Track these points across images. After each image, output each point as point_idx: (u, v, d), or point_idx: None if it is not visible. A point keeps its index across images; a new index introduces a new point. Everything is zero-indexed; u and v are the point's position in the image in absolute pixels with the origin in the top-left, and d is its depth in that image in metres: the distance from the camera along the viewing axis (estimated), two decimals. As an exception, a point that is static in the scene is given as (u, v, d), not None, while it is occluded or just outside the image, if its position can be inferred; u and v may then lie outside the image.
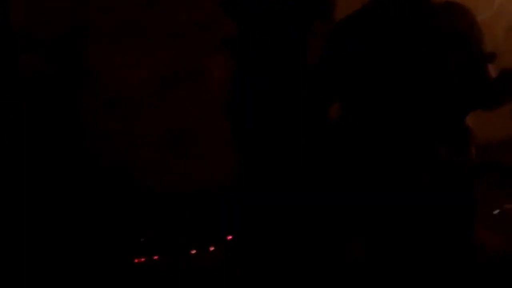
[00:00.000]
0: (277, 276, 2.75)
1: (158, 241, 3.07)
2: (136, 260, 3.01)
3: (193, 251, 3.05)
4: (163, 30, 3.71)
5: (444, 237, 2.67)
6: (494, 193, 4.06)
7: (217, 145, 2.94)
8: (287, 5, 2.85)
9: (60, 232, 3.24)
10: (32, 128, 3.43)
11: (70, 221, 3.28)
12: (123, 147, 3.35)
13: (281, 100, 2.75)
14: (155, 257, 3.05)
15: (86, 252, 3.15)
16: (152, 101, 3.51)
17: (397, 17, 2.55)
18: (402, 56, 2.53)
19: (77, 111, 3.40)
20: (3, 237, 3.09)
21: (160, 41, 3.69)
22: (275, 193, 2.67)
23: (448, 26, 2.54)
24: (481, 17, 2.67)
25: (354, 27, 2.62)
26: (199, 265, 3.03)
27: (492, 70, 2.57)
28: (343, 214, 2.71)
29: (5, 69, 3.44)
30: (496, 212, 3.89)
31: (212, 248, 3.02)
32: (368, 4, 2.62)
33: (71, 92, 3.50)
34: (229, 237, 2.97)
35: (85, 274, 3.09)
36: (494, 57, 2.50)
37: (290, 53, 2.80)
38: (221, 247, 3.02)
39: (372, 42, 2.55)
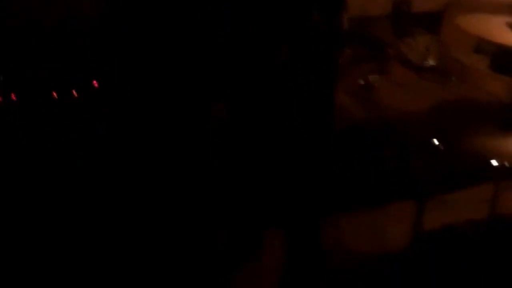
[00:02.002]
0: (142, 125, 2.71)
1: (17, 80, 2.89)
2: (-7, 99, 2.84)
3: (54, 94, 2.91)
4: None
5: (303, 99, 2.74)
6: (361, 64, 4.20)
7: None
8: None
9: None
10: None
11: None
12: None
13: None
14: (13, 97, 2.88)
15: None
16: None
17: None
18: None
19: None
20: None
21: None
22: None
23: None
24: None
25: None
26: (60, 109, 2.91)
27: None
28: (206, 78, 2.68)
29: None
30: (361, 82, 4.05)
31: (75, 93, 2.89)
32: None
33: None
34: (95, 83, 2.86)
35: None
36: None
37: None
38: (87, 93, 2.90)
39: None
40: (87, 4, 2.76)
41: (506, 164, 3.14)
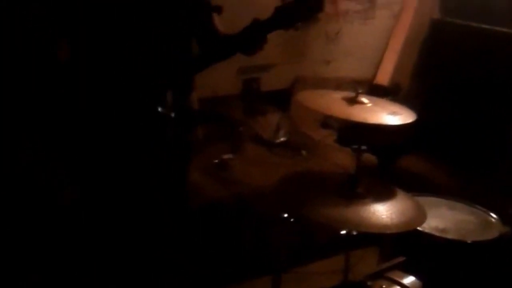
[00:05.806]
0: None
1: None
2: None
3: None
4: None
5: (157, 179, 2.78)
6: (215, 143, 4.31)
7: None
8: None
9: None
10: None
11: None
12: None
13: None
14: None
15: None
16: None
17: None
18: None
19: None
20: None
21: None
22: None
23: None
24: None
25: None
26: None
27: (219, 23, 2.76)
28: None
29: None
30: (215, 161, 4.14)
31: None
32: None
33: None
34: None
35: None
36: (220, 9, 2.69)
37: None
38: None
39: None
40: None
41: (354, 232, 3.27)
